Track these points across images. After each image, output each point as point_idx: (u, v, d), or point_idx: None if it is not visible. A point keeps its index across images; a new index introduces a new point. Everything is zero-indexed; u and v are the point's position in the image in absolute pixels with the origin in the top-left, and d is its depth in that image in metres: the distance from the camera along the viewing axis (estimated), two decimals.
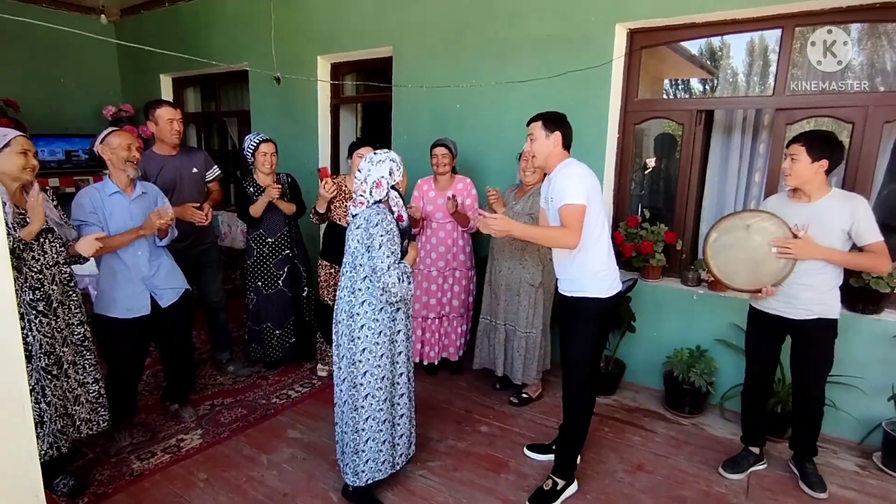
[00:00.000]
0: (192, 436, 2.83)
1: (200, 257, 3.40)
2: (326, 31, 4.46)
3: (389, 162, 2.23)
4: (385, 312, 2.19)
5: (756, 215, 2.37)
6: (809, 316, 2.36)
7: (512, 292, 3.08)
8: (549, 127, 2.27)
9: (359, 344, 2.17)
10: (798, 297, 2.35)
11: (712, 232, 2.43)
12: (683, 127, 3.29)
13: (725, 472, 2.58)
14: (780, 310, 2.42)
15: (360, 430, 2.23)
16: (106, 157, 2.52)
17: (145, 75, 6.05)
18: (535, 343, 3.09)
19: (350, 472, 2.28)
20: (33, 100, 5.59)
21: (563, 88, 3.38)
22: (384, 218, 2.13)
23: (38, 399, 2.17)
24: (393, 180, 2.22)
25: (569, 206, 2.14)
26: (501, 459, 2.69)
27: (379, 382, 2.21)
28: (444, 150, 3.31)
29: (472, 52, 3.76)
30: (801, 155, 2.27)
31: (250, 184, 3.41)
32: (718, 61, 4.18)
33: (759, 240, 2.33)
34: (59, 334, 2.25)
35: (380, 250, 2.08)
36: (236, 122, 5.75)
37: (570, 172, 2.19)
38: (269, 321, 3.49)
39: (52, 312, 2.21)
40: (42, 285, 2.18)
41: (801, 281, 2.32)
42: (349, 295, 2.20)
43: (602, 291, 2.27)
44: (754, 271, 2.36)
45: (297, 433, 2.89)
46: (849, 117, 2.83)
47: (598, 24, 3.26)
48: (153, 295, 2.64)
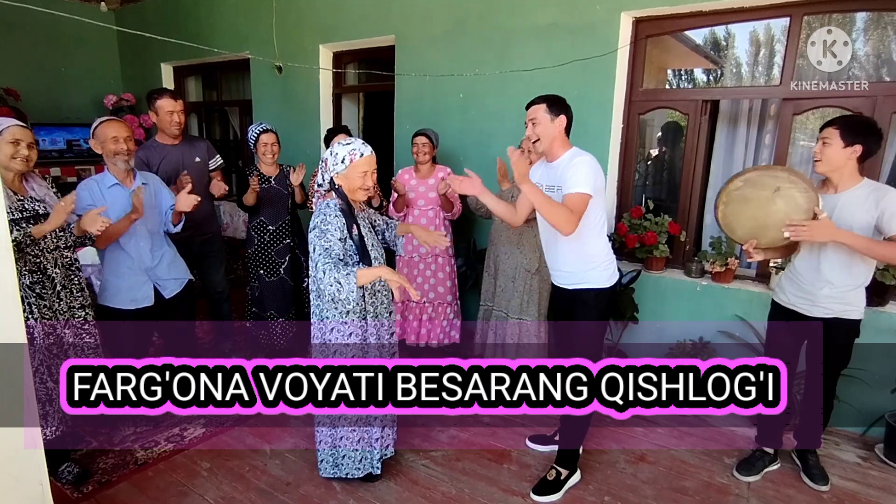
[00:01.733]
0: (195, 425, 2.84)
1: (203, 246, 3.39)
2: (328, 19, 4.42)
3: (327, 153, 2.16)
4: (352, 314, 2.17)
5: (793, 181, 2.15)
6: (828, 315, 2.27)
7: (507, 277, 3.12)
8: (554, 110, 2.16)
9: (330, 347, 2.20)
10: (816, 295, 2.27)
11: (737, 179, 2.27)
12: (688, 117, 3.26)
13: (740, 475, 2.51)
14: (798, 305, 2.35)
15: (335, 427, 2.28)
16: (97, 149, 2.51)
17: (146, 64, 6.02)
18: (528, 331, 3.10)
19: (329, 465, 2.34)
20: (34, 89, 5.57)
21: (567, 78, 3.35)
22: (323, 219, 2.06)
23: (43, 379, 2.20)
24: (329, 171, 2.13)
25: (576, 195, 2.07)
26: (504, 450, 2.70)
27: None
28: (424, 139, 3.39)
29: (475, 40, 3.72)
30: (834, 139, 2.14)
31: (252, 172, 3.41)
32: (723, 51, 4.14)
33: (781, 206, 2.17)
34: (62, 316, 2.28)
35: (314, 252, 2.05)
36: (238, 112, 5.73)
37: (583, 161, 2.11)
38: (272, 308, 3.50)
39: (55, 295, 2.24)
40: (41, 269, 2.20)
41: (820, 277, 2.24)
42: (316, 299, 2.21)
43: (604, 281, 2.26)
44: (755, 231, 2.25)
45: (299, 422, 2.89)
46: (857, 108, 2.79)
47: (604, 13, 3.22)
48: (156, 286, 2.63)
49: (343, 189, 2.13)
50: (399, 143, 4.23)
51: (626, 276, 3.25)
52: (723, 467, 2.58)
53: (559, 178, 2.18)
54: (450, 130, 3.86)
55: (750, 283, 3.17)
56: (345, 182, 2.13)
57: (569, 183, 2.10)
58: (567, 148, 2.23)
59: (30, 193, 2.24)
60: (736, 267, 3.15)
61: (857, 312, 2.28)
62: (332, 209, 2.09)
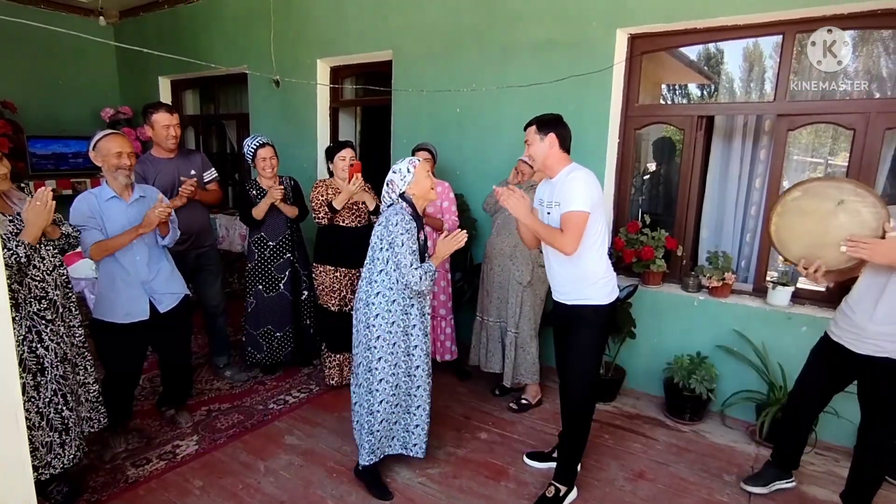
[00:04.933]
0: (188, 442, 2.80)
1: (199, 260, 3.38)
2: (326, 34, 4.45)
3: (390, 174, 2.36)
4: (398, 304, 2.33)
5: (860, 194, 1.92)
6: (878, 353, 1.98)
7: (503, 289, 3.14)
8: (543, 129, 2.23)
9: (374, 331, 2.33)
10: (865, 329, 2.00)
11: (796, 189, 2.06)
12: (684, 132, 3.28)
13: (745, 485, 2.49)
14: (843, 339, 2.10)
15: (374, 412, 2.37)
16: (98, 162, 2.49)
17: (144, 77, 6.04)
18: (522, 345, 3.11)
19: (366, 451, 2.40)
20: (31, 101, 5.58)
21: (563, 93, 3.37)
22: (403, 217, 2.25)
23: (59, 408, 2.17)
24: (397, 189, 2.34)
25: (574, 213, 2.10)
26: (501, 467, 2.67)
27: (392, 368, 2.35)
28: (426, 153, 3.39)
29: (472, 56, 3.75)
30: None
31: (253, 186, 3.40)
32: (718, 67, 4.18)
33: (844, 222, 1.94)
34: (68, 339, 2.25)
35: (402, 248, 2.23)
36: (235, 125, 5.74)
37: (577, 178, 2.14)
38: (269, 324, 3.47)
39: (59, 318, 2.20)
40: (46, 293, 2.15)
41: (870, 306, 1.96)
42: (367, 285, 2.36)
43: (603, 298, 2.25)
44: (811, 250, 2.01)
45: (294, 439, 2.86)
46: (850, 124, 2.82)
47: (599, 29, 3.25)
48: (152, 300, 2.60)
49: (415, 197, 2.34)
50: (396, 156, 4.24)
51: (623, 291, 3.23)
52: (722, 484, 2.55)
53: (558, 193, 2.21)
54: (447, 145, 3.88)
55: (747, 297, 3.17)
56: (417, 189, 2.34)
57: (565, 201, 2.14)
58: (564, 164, 2.25)
59: (14, 210, 2.16)
60: (733, 281, 3.15)
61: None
62: (407, 215, 2.29)
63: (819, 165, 3.95)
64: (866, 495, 2.20)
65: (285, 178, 3.49)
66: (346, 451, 2.74)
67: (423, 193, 2.37)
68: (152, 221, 2.47)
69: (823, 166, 3.94)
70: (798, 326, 2.89)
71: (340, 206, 3.09)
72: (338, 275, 3.26)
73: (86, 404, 2.36)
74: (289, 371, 3.64)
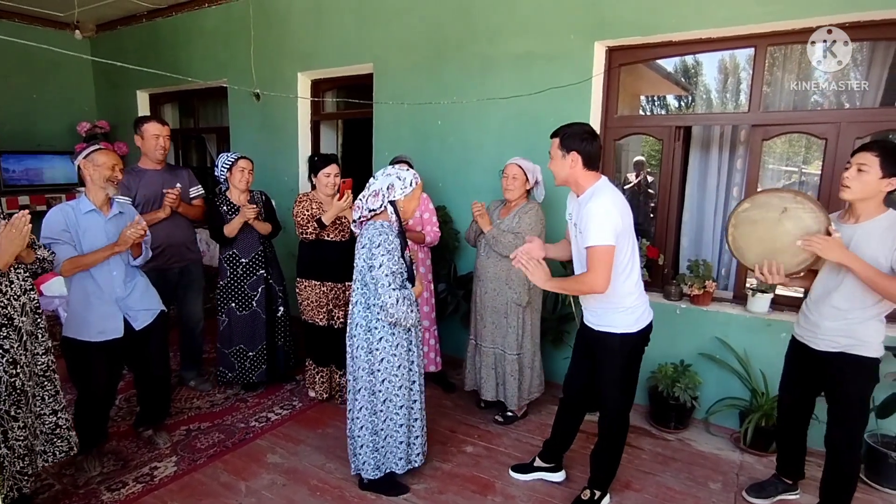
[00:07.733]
0: (166, 463, 2.71)
1: (182, 276, 3.32)
2: (307, 47, 4.45)
3: (393, 177, 2.29)
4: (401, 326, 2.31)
5: (799, 202, 2.08)
6: (833, 348, 2.08)
7: (499, 314, 3.04)
8: (566, 145, 2.08)
9: (377, 355, 2.33)
10: (820, 325, 2.11)
11: (745, 202, 2.22)
12: (662, 143, 3.33)
13: (748, 496, 2.49)
14: (805, 337, 2.20)
15: (378, 432, 2.41)
16: (87, 172, 2.45)
17: (122, 91, 5.96)
18: (527, 364, 3.07)
19: (371, 467, 2.43)
20: (5, 115, 5.48)
21: (543, 105, 3.41)
22: (386, 238, 2.21)
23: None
24: (391, 195, 2.27)
25: (596, 249, 1.98)
26: (488, 481, 2.64)
27: (397, 390, 2.38)
28: (405, 166, 3.31)
29: (453, 68, 3.77)
30: (873, 167, 1.93)
31: (223, 202, 3.33)
32: (695, 78, 4.27)
33: (789, 228, 2.09)
34: (27, 368, 2.09)
35: (380, 269, 2.19)
36: (215, 139, 5.69)
37: (596, 208, 1.99)
38: (242, 343, 3.39)
39: (21, 346, 2.05)
40: (11, 320, 2.01)
41: (824, 303, 2.08)
42: (364, 310, 2.33)
43: (630, 326, 2.16)
44: (765, 255, 2.14)
45: (277, 458, 2.79)
46: (822, 133, 2.89)
47: (578, 42, 3.30)
48: (126, 317, 2.54)
49: (402, 210, 2.29)
50: (378, 169, 4.21)
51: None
52: (708, 493, 2.56)
53: (581, 218, 2.08)
54: (429, 157, 3.88)
55: (728, 304, 3.21)
56: (407, 203, 2.31)
57: (585, 233, 2.02)
58: (591, 181, 2.12)
59: None
60: (714, 289, 3.19)
61: (871, 349, 2.03)
62: (392, 231, 2.24)
63: (794, 174, 4.04)
64: (843, 496, 2.19)
65: (256, 192, 3.45)
66: (330, 469, 2.69)
67: (410, 210, 2.36)
68: (127, 240, 2.44)
69: (798, 175, 4.03)
70: (778, 333, 2.93)
71: (329, 221, 3.08)
72: (324, 289, 3.21)
73: (39, 437, 2.19)
74: (270, 388, 3.57)
